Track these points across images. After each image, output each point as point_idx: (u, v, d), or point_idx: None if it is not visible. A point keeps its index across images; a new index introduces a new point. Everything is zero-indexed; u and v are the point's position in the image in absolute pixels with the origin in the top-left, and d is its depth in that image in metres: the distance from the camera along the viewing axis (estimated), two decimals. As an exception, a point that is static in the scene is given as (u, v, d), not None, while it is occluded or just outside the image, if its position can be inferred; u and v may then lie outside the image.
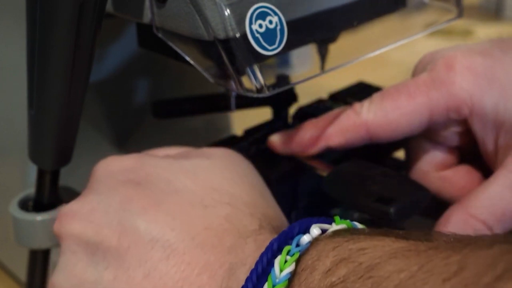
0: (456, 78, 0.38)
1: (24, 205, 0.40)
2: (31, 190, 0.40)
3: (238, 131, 0.50)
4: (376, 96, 0.40)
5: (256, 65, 0.34)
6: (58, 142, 0.37)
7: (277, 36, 0.34)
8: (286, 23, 0.35)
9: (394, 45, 0.41)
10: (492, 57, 0.38)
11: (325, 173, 0.41)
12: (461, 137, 0.41)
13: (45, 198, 0.39)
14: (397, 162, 0.52)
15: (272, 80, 0.37)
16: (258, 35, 0.34)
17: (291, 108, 0.49)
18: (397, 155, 0.51)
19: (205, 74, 0.36)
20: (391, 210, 0.36)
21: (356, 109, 0.40)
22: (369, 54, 0.40)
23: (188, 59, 0.36)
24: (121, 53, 0.49)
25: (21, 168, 0.47)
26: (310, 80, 0.37)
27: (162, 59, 0.44)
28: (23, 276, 0.42)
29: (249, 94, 0.34)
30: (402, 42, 0.41)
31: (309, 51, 0.40)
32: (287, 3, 0.35)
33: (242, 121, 0.53)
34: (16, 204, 0.40)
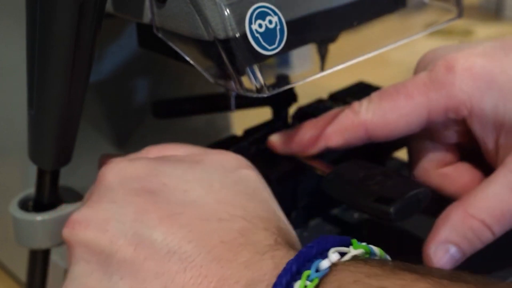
0: (456, 80, 0.38)
1: (24, 205, 0.40)
2: (31, 190, 0.40)
3: (238, 131, 0.50)
4: (375, 96, 0.40)
5: (256, 65, 0.34)
6: (58, 142, 0.37)
7: (277, 36, 0.34)
8: (286, 23, 0.35)
9: (394, 45, 0.41)
10: (493, 59, 0.38)
11: (325, 173, 0.41)
12: (461, 136, 0.41)
13: (45, 198, 0.39)
14: (397, 162, 0.52)
15: (272, 80, 0.37)
16: (258, 35, 0.34)
17: (291, 108, 0.49)
18: (397, 155, 0.51)
19: (205, 74, 0.36)
20: (391, 210, 0.36)
21: (355, 109, 0.40)
22: (369, 54, 0.39)
23: (188, 59, 0.36)
24: (121, 53, 0.49)
25: (21, 168, 0.47)
26: (310, 80, 0.37)
27: (162, 59, 0.44)
28: (23, 276, 0.42)
29: (249, 94, 0.34)
30: (402, 42, 0.41)
31: (309, 51, 0.40)
32: (287, 3, 0.35)
33: (242, 121, 0.53)
34: (16, 204, 0.40)
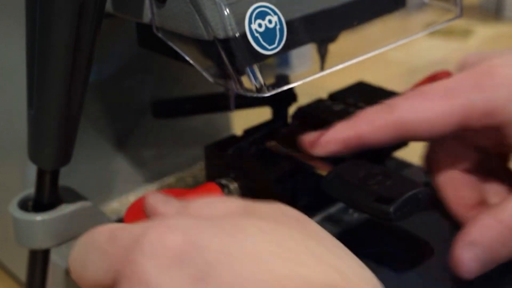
0: (496, 85, 0.38)
1: (24, 205, 0.40)
2: (31, 190, 0.40)
3: (238, 131, 0.50)
4: (411, 94, 0.40)
5: (256, 65, 0.34)
6: (58, 142, 0.37)
7: (277, 36, 0.34)
8: (286, 23, 0.35)
9: (394, 45, 0.41)
10: None
11: (325, 173, 0.41)
12: (492, 142, 0.41)
13: (45, 198, 0.39)
14: (397, 162, 0.52)
15: (272, 80, 0.37)
16: (258, 35, 0.34)
17: (291, 108, 0.49)
18: (397, 155, 0.51)
19: (205, 74, 0.35)
20: (391, 210, 0.36)
21: (390, 106, 0.40)
22: (369, 54, 0.39)
23: (188, 59, 0.36)
24: (121, 53, 0.49)
25: (21, 168, 0.47)
26: (310, 80, 0.37)
27: (162, 59, 0.44)
28: (23, 276, 0.42)
29: (249, 94, 0.34)
30: (402, 42, 0.41)
31: (309, 51, 0.40)
32: (287, 3, 0.35)
33: (242, 121, 0.53)
34: (16, 204, 0.40)
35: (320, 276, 0.26)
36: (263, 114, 0.50)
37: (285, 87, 0.36)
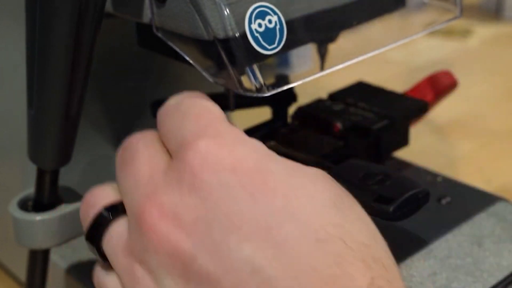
0: None
1: (24, 205, 0.40)
2: (31, 190, 0.40)
3: (238, 131, 0.50)
4: None
5: (256, 65, 0.34)
6: (58, 142, 0.37)
7: (277, 36, 0.34)
8: (286, 23, 0.35)
9: (394, 45, 0.41)
10: None
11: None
12: None
13: (45, 198, 0.39)
14: (397, 162, 0.52)
15: (272, 80, 0.37)
16: (258, 35, 0.34)
17: (291, 108, 0.49)
18: (397, 155, 0.51)
19: (205, 74, 0.35)
20: (391, 210, 0.36)
21: None
22: (369, 54, 0.39)
23: (188, 59, 0.36)
24: (121, 53, 0.49)
25: (21, 168, 0.47)
26: (310, 80, 0.37)
27: (162, 59, 0.44)
28: (23, 276, 0.42)
29: (249, 94, 0.34)
30: (402, 42, 0.41)
31: (309, 51, 0.40)
32: (287, 2, 0.35)
33: (242, 121, 0.53)
34: (16, 204, 0.40)
35: (361, 235, 0.28)
36: (263, 114, 0.50)
37: (285, 87, 0.36)
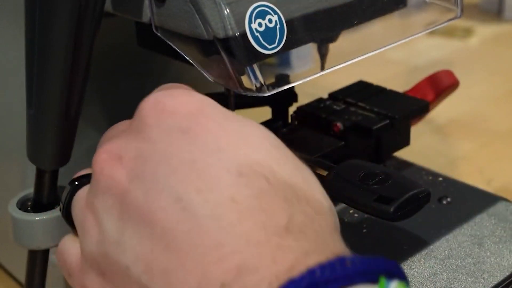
0: None
1: (23, 205, 0.40)
2: (30, 190, 0.40)
3: (238, 131, 0.50)
4: None
5: (256, 64, 0.34)
6: (57, 142, 0.37)
7: (277, 35, 0.34)
8: (286, 22, 0.35)
9: (394, 45, 0.41)
10: None
11: (325, 173, 0.41)
12: None
13: (44, 198, 0.39)
14: (397, 162, 0.52)
15: (272, 80, 0.37)
16: (258, 34, 0.34)
17: (291, 108, 0.49)
18: (397, 155, 0.51)
19: (205, 74, 0.35)
20: (391, 210, 0.36)
21: None
22: (369, 54, 0.39)
23: (188, 59, 0.36)
24: (121, 53, 0.49)
25: (21, 168, 0.47)
26: (310, 80, 0.37)
27: (162, 59, 0.44)
28: (23, 277, 0.42)
29: (249, 94, 0.34)
30: (402, 41, 0.41)
31: (309, 51, 0.40)
32: (287, 2, 0.35)
33: (242, 121, 0.53)
34: (15, 204, 0.40)
35: (288, 177, 0.29)
36: (263, 114, 0.50)
37: (285, 87, 0.36)
